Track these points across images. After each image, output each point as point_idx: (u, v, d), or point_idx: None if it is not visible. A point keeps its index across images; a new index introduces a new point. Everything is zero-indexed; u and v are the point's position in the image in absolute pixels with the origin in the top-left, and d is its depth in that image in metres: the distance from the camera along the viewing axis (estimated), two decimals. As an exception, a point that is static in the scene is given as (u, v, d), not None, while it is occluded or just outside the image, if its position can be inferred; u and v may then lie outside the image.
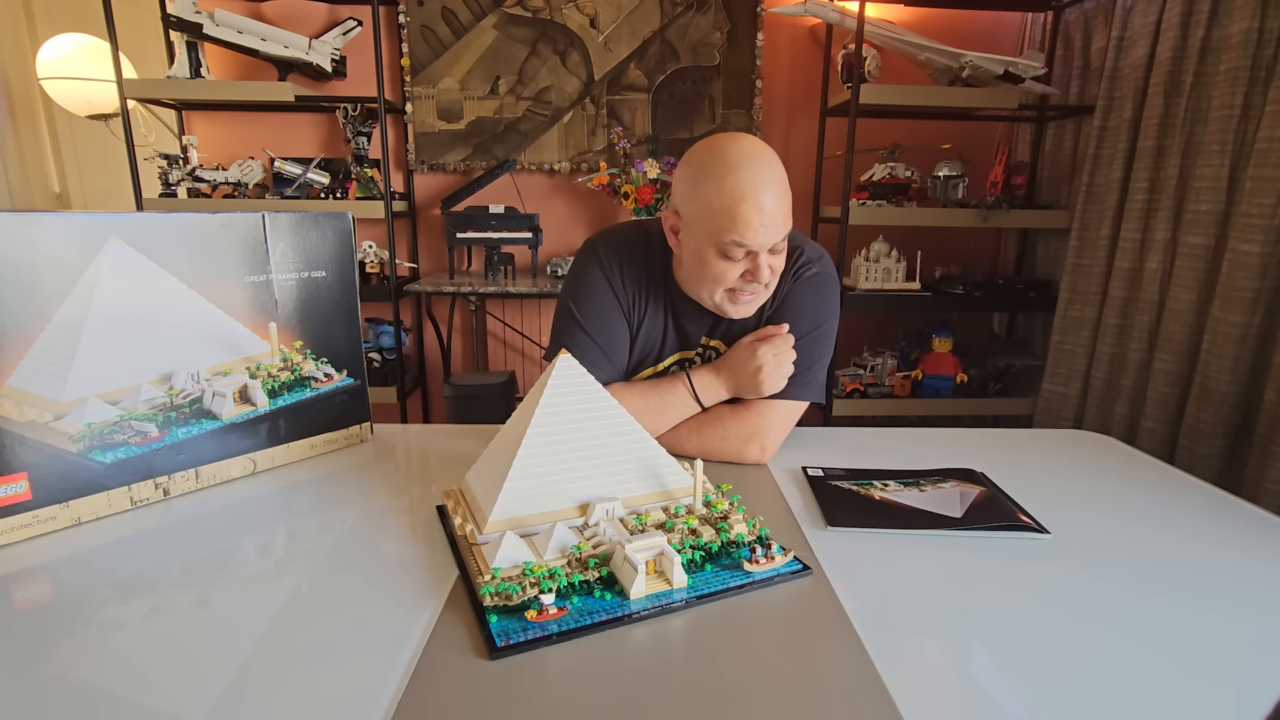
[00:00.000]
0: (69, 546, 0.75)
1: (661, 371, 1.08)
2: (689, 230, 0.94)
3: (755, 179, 0.88)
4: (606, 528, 0.70)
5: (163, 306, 0.83)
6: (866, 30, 2.11)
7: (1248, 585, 0.70)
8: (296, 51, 2.23)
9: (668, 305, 1.05)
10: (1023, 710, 0.52)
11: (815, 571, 0.70)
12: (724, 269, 0.92)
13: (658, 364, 1.07)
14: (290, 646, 0.58)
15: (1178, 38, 1.80)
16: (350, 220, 1.01)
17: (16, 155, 2.51)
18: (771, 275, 0.94)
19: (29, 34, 2.48)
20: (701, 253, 0.93)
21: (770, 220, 0.88)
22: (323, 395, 1.00)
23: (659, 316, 1.05)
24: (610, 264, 1.03)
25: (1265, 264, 1.57)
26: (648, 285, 1.04)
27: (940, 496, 0.87)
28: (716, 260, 0.92)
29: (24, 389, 0.73)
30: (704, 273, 0.95)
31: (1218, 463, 1.67)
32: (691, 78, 2.47)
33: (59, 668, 0.55)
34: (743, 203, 0.87)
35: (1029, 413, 2.32)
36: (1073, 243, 2.15)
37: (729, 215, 0.88)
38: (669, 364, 1.08)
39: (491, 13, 2.39)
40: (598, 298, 1.02)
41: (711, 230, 0.90)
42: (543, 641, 0.57)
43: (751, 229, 0.88)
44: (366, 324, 2.33)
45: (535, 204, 2.54)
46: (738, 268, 0.92)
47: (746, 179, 0.87)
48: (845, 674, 0.55)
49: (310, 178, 2.28)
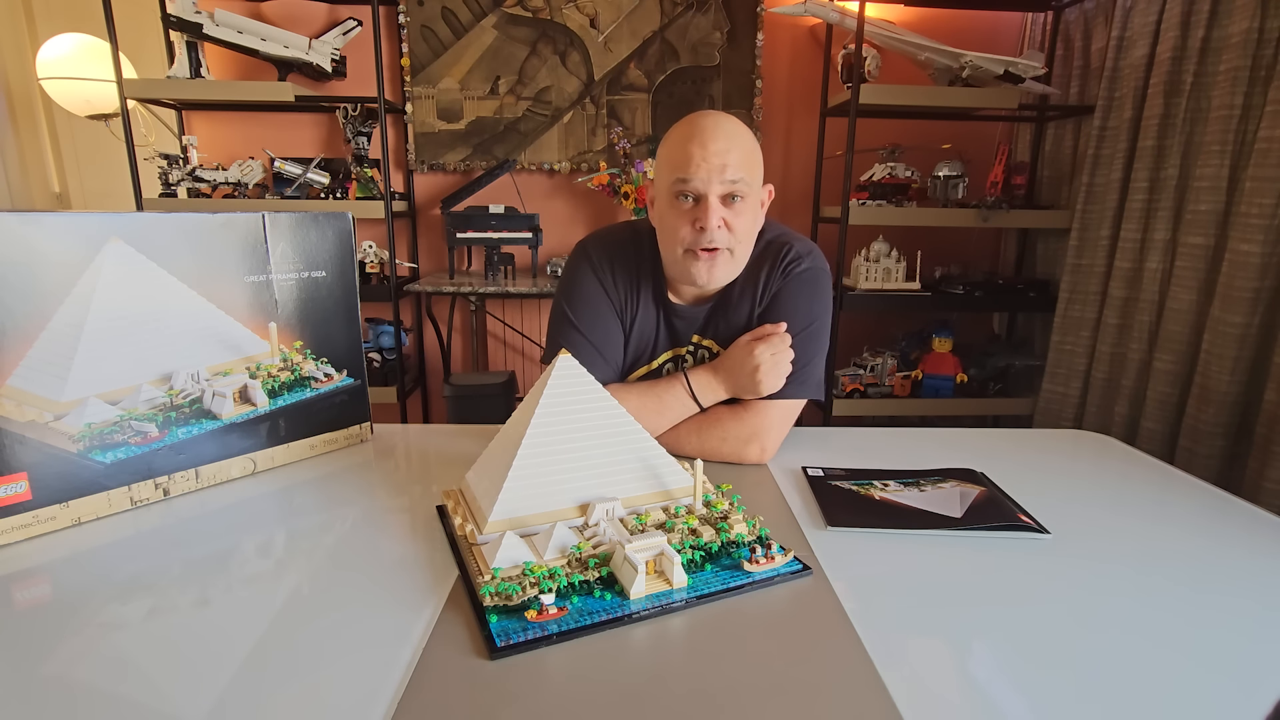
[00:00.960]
0: (69, 546, 0.75)
1: (656, 370, 1.08)
2: (656, 191, 1.01)
3: (703, 124, 0.94)
4: (606, 528, 0.70)
5: (163, 306, 0.83)
6: (866, 30, 2.11)
7: (1248, 585, 0.70)
8: (296, 51, 2.23)
9: (659, 303, 1.06)
10: (1023, 710, 0.52)
11: (815, 571, 0.70)
12: (675, 219, 0.96)
13: (651, 362, 1.08)
14: (290, 646, 0.58)
15: (1178, 38, 1.80)
16: (350, 220, 1.01)
17: (16, 155, 2.51)
18: (725, 232, 0.95)
19: (29, 34, 2.48)
20: (662, 210, 0.98)
21: (714, 160, 0.92)
22: (323, 395, 1.00)
23: (650, 314, 1.06)
24: (601, 265, 1.05)
25: (1265, 264, 1.57)
26: (638, 283, 1.06)
27: (940, 496, 0.87)
28: (672, 212, 0.97)
29: (24, 389, 0.73)
30: (665, 229, 0.99)
31: (1218, 463, 1.67)
32: (691, 78, 2.47)
33: (59, 668, 0.55)
34: (688, 142, 0.93)
35: (1029, 413, 2.32)
36: (1073, 243, 2.15)
37: (675, 156, 0.94)
38: (662, 361, 1.09)
39: (491, 13, 2.39)
40: (590, 298, 1.04)
41: (666, 179, 0.96)
42: (543, 641, 0.57)
43: (693, 164, 0.92)
44: (366, 324, 2.33)
45: (535, 204, 2.54)
46: (687, 215, 0.95)
47: (695, 125, 0.95)
48: (845, 674, 0.55)
49: (310, 178, 2.28)
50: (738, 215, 0.96)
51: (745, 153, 0.95)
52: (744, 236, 0.98)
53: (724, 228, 0.95)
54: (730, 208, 0.95)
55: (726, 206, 0.95)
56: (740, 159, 0.94)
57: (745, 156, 0.95)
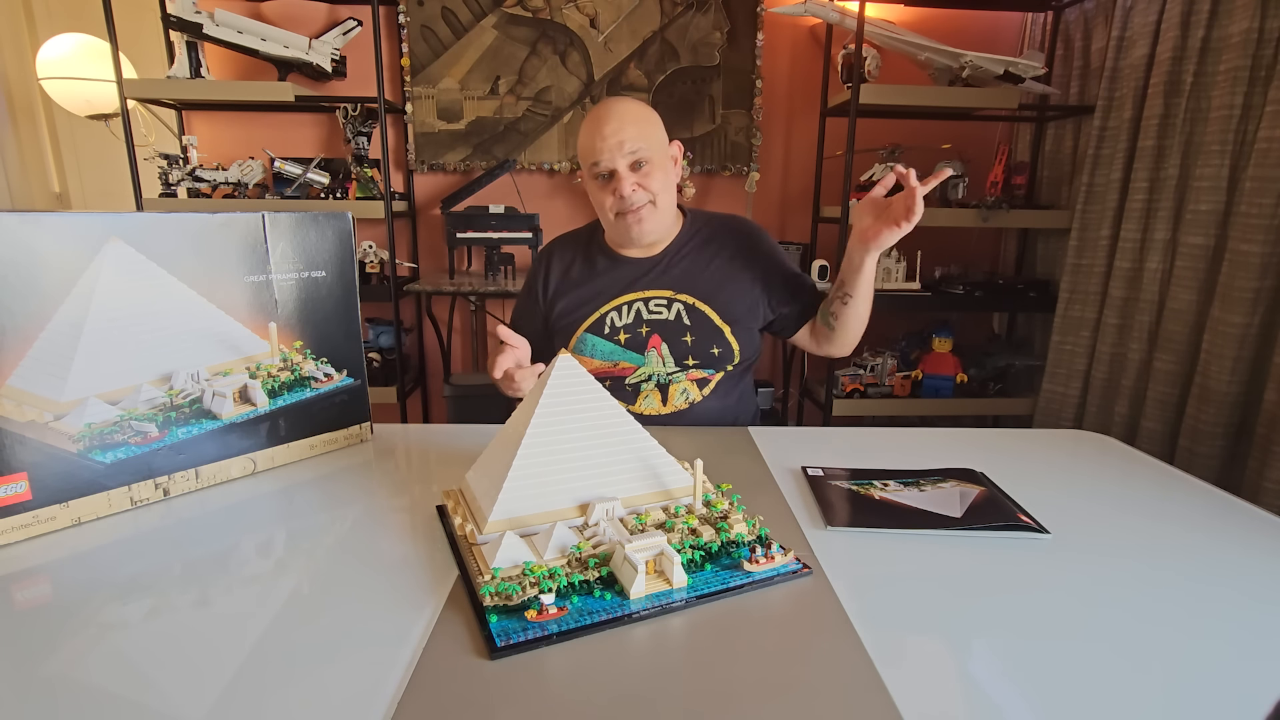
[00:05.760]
0: (69, 546, 0.75)
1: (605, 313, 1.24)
2: (584, 179, 1.21)
3: (599, 114, 1.14)
4: (606, 527, 0.70)
5: (163, 306, 0.83)
6: (866, 30, 2.11)
7: (1248, 585, 0.70)
8: (296, 51, 2.23)
9: (603, 259, 1.27)
10: (1023, 709, 0.52)
11: (815, 571, 0.70)
12: (601, 195, 1.17)
13: (603, 307, 1.24)
14: (290, 646, 0.58)
15: (1178, 38, 1.80)
16: (350, 220, 1.01)
17: (16, 155, 2.51)
18: (641, 191, 1.15)
19: (29, 34, 2.48)
20: (591, 191, 1.19)
21: (611, 140, 1.12)
22: (323, 395, 1.00)
23: (592, 270, 1.26)
24: (549, 249, 1.33)
25: (1265, 264, 1.57)
26: (585, 250, 1.29)
27: (940, 496, 0.87)
28: (596, 191, 1.18)
29: (24, 389, 0.73)
30: (596, 205, 1.20)
31: (1218, 463, 1.67)
32: (691, 78, 2.47)
33: (59, 668, 0.55)
34: (590, 133, 1.14)
35: (1029, 413, 2.32)
36: (1073, 243, 2.15)
37: (585, 146, 1.15)
38: (618, 304, 1.23)
39: (491, 13, 2.39)
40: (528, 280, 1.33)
41: (585, 167, 1.17)
42: (543, 641, 0.57)
43: (597, 150, 1.13)
44: (366, 324, 2.33)
45: (535, 204, 2.54)
46: (607, 189, 1.16)
47: (593, 116, 1.15)
48: (845, 674, 0.55)
49: (310, 178, 2.28)
50: (647, 176, 1.15)
51: (639, 125, 1.14)
52: (661, 188, 1.17)
53: (639, 189, 1.14)
54: (638, 173, 1.15)
55: (635, 172, 1.14)
56: (636, 132, 1.13)
57: (640, 129, 1.14)
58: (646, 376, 1.22)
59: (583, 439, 0.74)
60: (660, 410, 1.22)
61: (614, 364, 1.23)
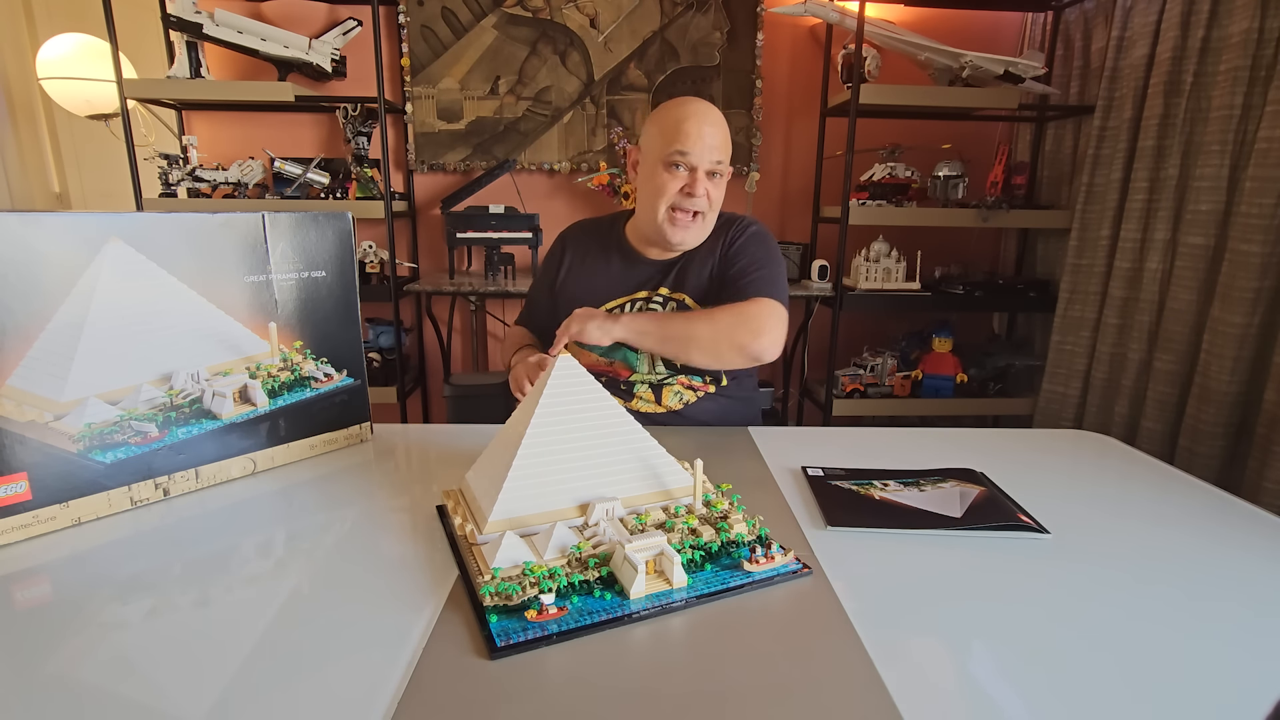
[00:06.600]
0: (69, 546, 0.75)
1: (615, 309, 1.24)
2: (644, 156, 1.20)
3: (697, 109, 1.14)
4: (606, 527, 0.70)
5: (163, 306, 0.83)
6: (866, 30, 2.11)
7: (1248, 585, 0.70)
8: (296, 51, 2.23)
9: (618, 256, 1.28)
10: (1022, 710, 0.52)
11: (815, 571, 0.70)
12: (667, 180, 1.15)
13: (608, 304, 1.24)
14: (290, 646, 0.58)
15: (1178, 38, 1.80)
16: (350, 220, 1.01)
17: (16, 155, 2.51)
18: (709, 204, 1.16)
19: (29, 34, 2.48)
20: (652, 172, 1.17)
21: (708, 142, 1.13)
22: (323, 395, 1.00)
23: (607, 265, 1.27)
24: (566, 235, 1.34)
25: (1265, 264, 1.57)
26: (603, 243, 1.30)
27: (940, 496, 0.87)
28: (662, 173, 1.15)
29: (24, 389, 0.73)
30: (652, 189, 1.17)
31: (1218, 463, 1.67)
32: (691, 78, 2.46)
33: (59, 668, 0.55)
34: (686, 121, 1.13)
35: (1029, 413, 2.32)
36: (1073, 243, 2.15)
37: (674, 131, 1.13)
38: (621, 303, 1.24)
39: (491, 13, 2.39)
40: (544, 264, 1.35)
41: (661, 147, 1.15)
42: (543, 641, 0.57)
43: (691, 140, 1.12)
44: (366, 324, 2.33)
45: (535, 204, 2.54)
46: (679, 180, 1.15)
47: (689, 108, 1.15)
48: (845, 674, 0.55)
49: (310, 178, 2.28)
50: (716, 188, 1.17)
51: (727, 140, 1.17)
52: (717, 207, 1.20)
53: (705, 196, 1.15)
54: (712, 181, 1.16)
55: (709, 180, 1.15)
56: (723, 143, 1.16)
57: (727, 143, 1.17)
58: (640, 379, 1.21)
59: (583, 439, 0.74)
60: (655, 409, 1.22)
61: (610, 363, 1.23)
